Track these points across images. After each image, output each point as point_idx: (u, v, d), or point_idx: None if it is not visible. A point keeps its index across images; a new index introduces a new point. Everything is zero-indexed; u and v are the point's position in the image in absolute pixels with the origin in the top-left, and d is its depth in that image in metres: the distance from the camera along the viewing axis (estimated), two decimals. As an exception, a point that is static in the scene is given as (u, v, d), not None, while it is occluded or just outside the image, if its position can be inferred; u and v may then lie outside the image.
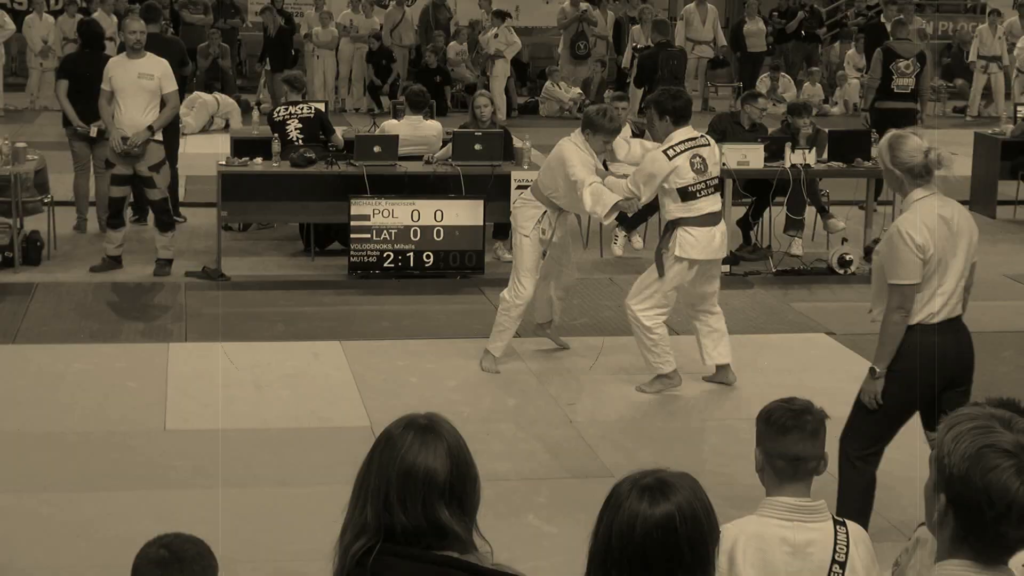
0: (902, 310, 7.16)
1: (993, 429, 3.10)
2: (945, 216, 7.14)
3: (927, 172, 7.11)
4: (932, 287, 7.15)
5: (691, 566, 3.42)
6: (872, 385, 7.32)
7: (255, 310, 12.51)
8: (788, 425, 4.88)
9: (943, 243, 7.10)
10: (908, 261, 7.05)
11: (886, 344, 7.25)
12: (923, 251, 7.04)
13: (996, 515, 3.06)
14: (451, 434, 3.63)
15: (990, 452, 3.06)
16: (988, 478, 3.05)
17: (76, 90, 14.36)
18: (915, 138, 7.21)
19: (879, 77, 17.37)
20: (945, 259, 7.14)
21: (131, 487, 8.49)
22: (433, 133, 15.04)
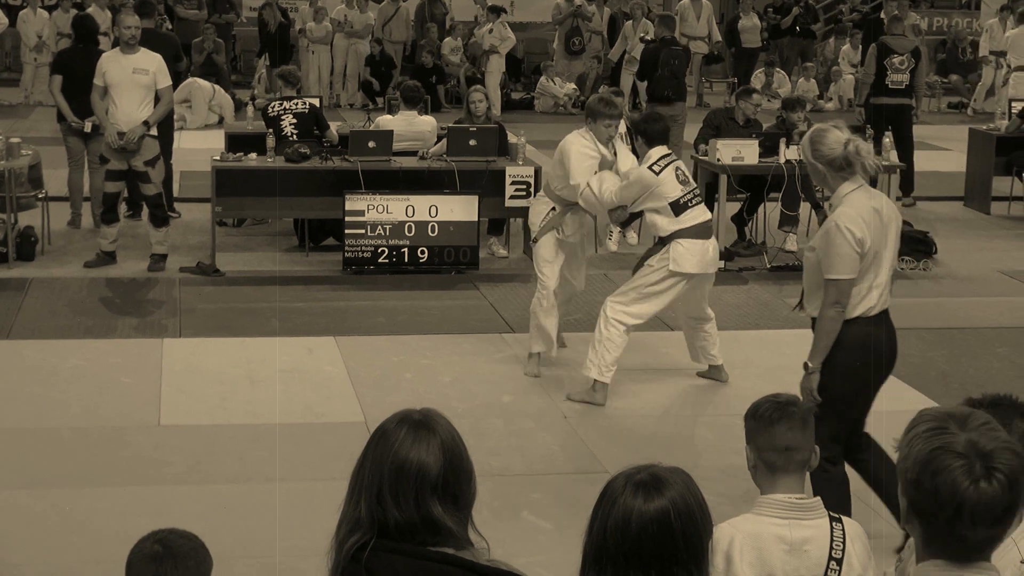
0: (839, 305, 7.09)
1: (946, 430, 3.10)
2: (876, 208, 7.13)
3: (848, 164, 7.06)
4: (870, 280, 7.13)
5: (686, 561, 3.43)
6: (807, 381, 7.24)
7: (249, 305, 12.50)
8: (775, 417, 4.90)
9: (877, 235, 7.09)
10: (846, 256, 7.00)
11: (822, 339, 7.18)
12: (862, 245, 7.00)
13: (948, 517, 3.07)
14: (445, 429, 3.63)
15: (940, 454, 3.07)
16: (936, 481, 3.05)
17: (70, 85, 14.34)
18: (836, 131, 7.16)
19: (873, 73, 17.38)
20: (879, 251, 7.14)
21: (125, 483, 8.49)
22: (428, 128, 15.03)
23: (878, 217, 7.09)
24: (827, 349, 7.18)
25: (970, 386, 10.22)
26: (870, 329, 7.21)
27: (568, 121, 24.92)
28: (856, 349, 7.20)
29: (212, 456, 8.95)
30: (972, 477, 3.03)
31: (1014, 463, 3.07)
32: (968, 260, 14.87)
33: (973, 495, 3.03)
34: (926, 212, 17.27)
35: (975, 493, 3.03)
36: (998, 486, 3.04)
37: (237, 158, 13.91)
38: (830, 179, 7.15)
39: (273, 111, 14.77)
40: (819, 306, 7.17)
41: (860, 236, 6.99)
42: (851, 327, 7.18)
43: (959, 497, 3.03)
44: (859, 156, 7.06)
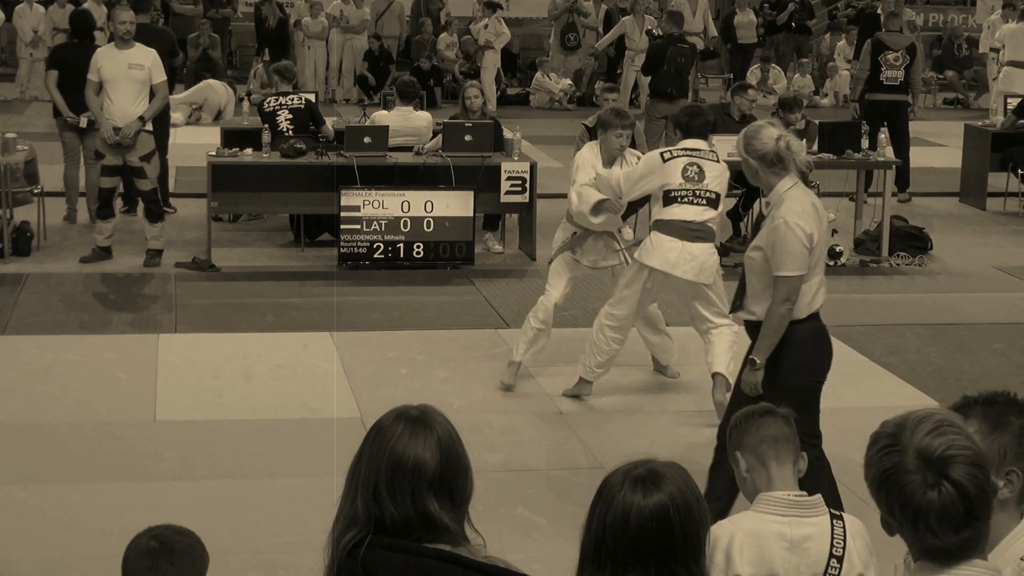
0: (789, 302, 7.08)
1: (895, 447, 3.16)
2: (817, 204, 7.18)
3: (779, 160, 7.05)
4: (818, 276, 7.16)
5: (684, 556, 3.43)
6: (752, 376, 7.21)
7: (245, 301, 12.50)
8: (755, 417, 4.95)
9: (821, 233, 7.14)
10: (797, 252, 6.99)
11: (769, 337, 7.16)
12: (811, 241, 7.01)
13: (911, 529, 3.11)
14: (442, 426, 3.63)
15: (892, 474, 3.13)
16: (891, 499, 3.12)
17: (66, 80, 14.32)
18: (770, 128, 7.19)
19: (868, 68, 17.37)
20: (822, 248, 7.20)
21: (121, 478, 8.49)
22: (423, 124, 15.02)
23: (817, 212, 7.13)
24: (773, 346, 7.16)
25: (966, 382, 10.24)
26: (819, 325, 7.29)
27: (563, 116, 24.96)
28: (808, 345, 7.23)
29: (207, 452, 8.95)
30: (922, 489, 3.08)
31: (968, 468, 3.09)
32: (964, 256, 14.88)
33: (926, 506, 3.08)
34: (922, 208, 17.28)
35: (927, 504, 3.08)
36: (948, 494, 3.07)
37: (233, 153, 13.90)
38: (762, 175, 7.14)
39: (269, 106, 14.76)
40: (763, 307, 7.13)
41: (810, 232, 6.99)
42: (802, 324, 7.19)
43: (913, 509, 3.09)
44: (790, 152, 7.03)
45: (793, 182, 7.09)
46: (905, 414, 3.22)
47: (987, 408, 3.74)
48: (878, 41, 17.48)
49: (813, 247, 7.02)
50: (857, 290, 13.41)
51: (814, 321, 7.25)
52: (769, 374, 7.17)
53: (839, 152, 14.54)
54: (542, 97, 26.77)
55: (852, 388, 10.46)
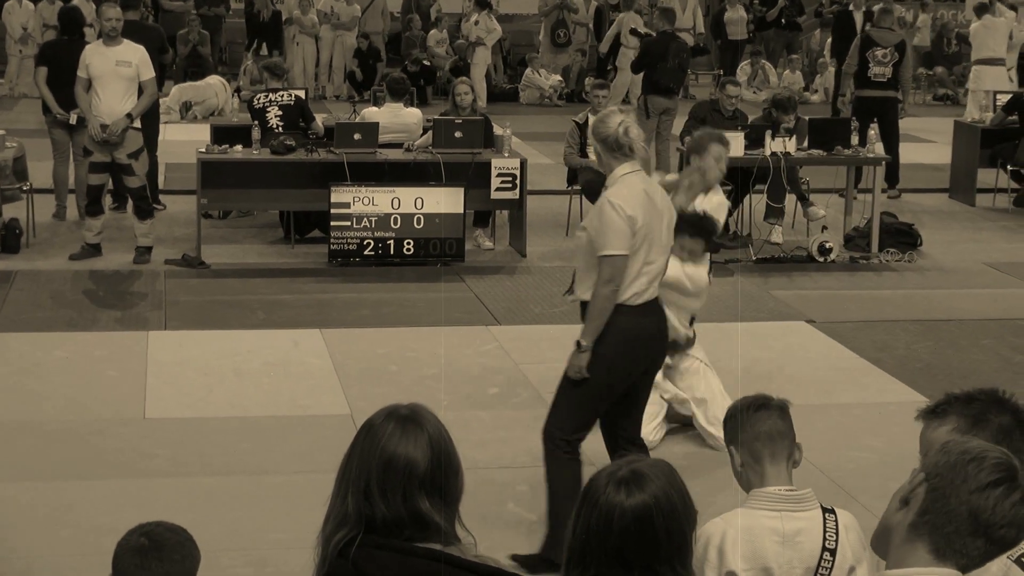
0: (612, 283, 7.03)
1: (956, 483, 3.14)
2: (649, 193, 7.12)
3: (619, 146, 7.04)
4: (639, 263, 7.07)
5: (669, 557, 3.42)
6: (578, 359, 7.16)
7: (235, 298, 12.49)
8: (751, 411, 4.93)
9: (651, 220, 7.06)
10: (619, 231, 6.96)
11: (595, 319, 7.12)
12: (633, 223, 6.96)
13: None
14: (433, 425, 3.63)
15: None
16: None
17: (55, 77, 14.30)
18: (618, 114, 7.18)
19: (856, 64, 17.38)
20: (652, 236, 7.09)
21: (111, 475, 8.48)
22: (413, 121, 15.02)
23: (650, 201, 7.09)
24: (599, 328, 7.11)
25: (955, 378, 10.25)
26: (635, 319, 7.15)
27: (553, 113, 24.98)
28: (617, 340, 7.13)
29: (197, 449, 8.94)
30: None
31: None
32: (953, 252, 14.90)
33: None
34: (911, 204, 17.30)
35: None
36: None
37: (223, 150, 13.89)
38: (604, 158, 7.16)
39: (259, 103, 14.75)
40: (590, 288, 7.10)
41: (631, 213, 6.96)
42: (616, 316, 7.10)
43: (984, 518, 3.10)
44: (627, 137, 7.02)
45: (633, 168, 7.09)
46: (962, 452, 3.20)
47: (966, 405, 3.75)
48: (867, 37, 17.50)
49: (636, 231, 6.98)
50: (847, 286, 13.43)
51: (630, 315, 7.13)
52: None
53: (829, 148, 14.55)
54: (532, 93, 26.77)
55: (842, 384, 10.49)
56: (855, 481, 8.33)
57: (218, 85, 23.05)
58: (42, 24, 24.44)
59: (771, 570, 4.74)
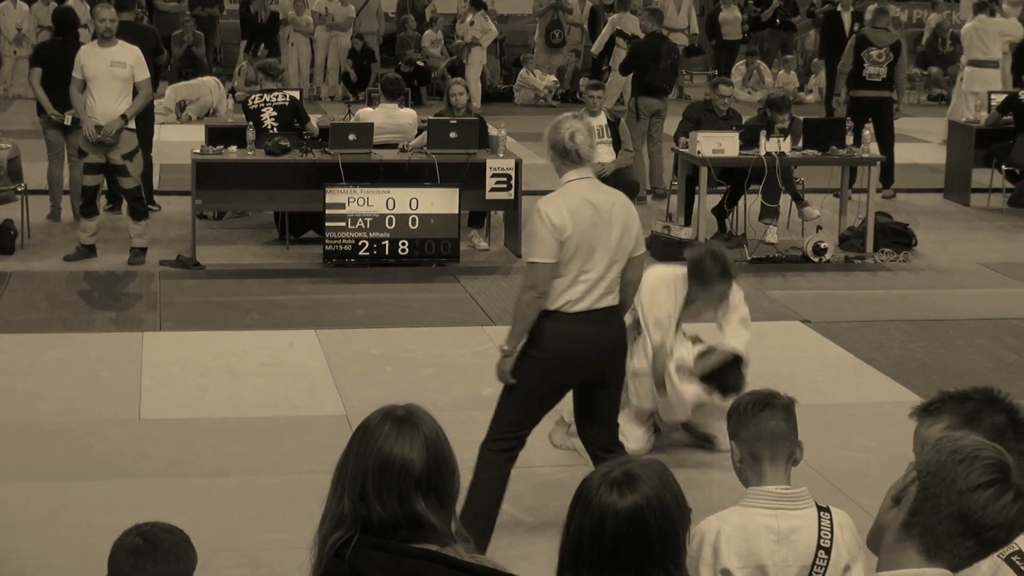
0: (534, 289, 7.01)
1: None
2: (593, 201, 7.02)
3: (566, 152, 7.01)
4: (574, 272, 7.01)
5: (662, 558, 3.42)
6: (501, 363, 7.18)
7: (230, 299, 12.48)
8: (756, 409, 4.92)
9: (587, 228, 6.96)
10: (543, 239, 6.93)
11: (515, 323, 7.14)
12: (559, 232, 6.91)
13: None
14: (429, 425, 3.63)
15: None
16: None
17: (50, 78, 14.30)
18: (571, 120, 7.13)
19: (851, 63, 17.39)
20: (590, 245, 6.99)
21: (106, 476, 8.47)
22: (408, 121, 15.02)
23: (593, 210, 6.99)
24: (522, 333, 7.12)
25: (950, 377, 10.25)
26: (568, 327, 7.08)
27: (548, 113, 24.92)
28: (547, 345, 7.10)
29: (192, 450, 8.94)
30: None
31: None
32: (948, 252, 14.90)
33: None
34: (906, 204, 17.31)
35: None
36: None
37: (217, 151, 13.88)
38: (555, 163, 7.15)
39: (253, 104, 14.74)
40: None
41: (557, 222, 6.91)
42: (547, 320, 7.08)
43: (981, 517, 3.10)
44: (573, 143, 6.99)
45: (579, 175, 7.07)
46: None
47: (960, 404, 3.75)
48: (862, 37, 17.51)
49: (564, 240, 6.92)
50: (842, 286, 13.43)
51: (562, 322, 7.08)
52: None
53: (823, 149, 14.55)
54: (527, 94, 26.77)
55: (837, 384, 10.49)
56: (850, 481, 8.33)
57: (212, 83, 23.06)
58: (36, 25, 24.42)
59: (766, 568, 4.74)
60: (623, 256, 7.13)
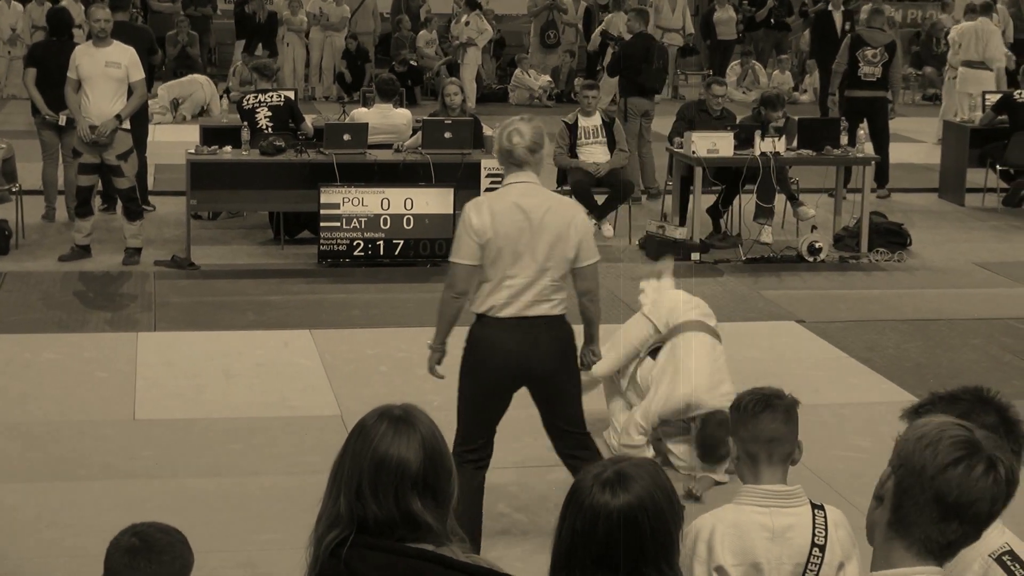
0: (451, 289, 7.03)
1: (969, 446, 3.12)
2: (524, 206, 6.89)
3: (506, 154, 6.97)
4: (497, 277, 6.94)
5: (655, 558, 3.42)
6: (429, 359, 7.28)
7: (225, 299, 12.48)
8: (758, 409, 4.91)
9: (515, 233, 6.88)
10: (463, 240, 6.94)
11: (438, 321, 7.19)
12: (479, 235, 6.87)
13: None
14: (426, 425, 3.62)
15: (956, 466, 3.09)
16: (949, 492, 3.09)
17: (44, 78, 14.29)
18: (518, 123, 7.06)
19: (846, 63, 17.40)
20: (515, 250, 6.89)
21: (100, 477, 8.47)
22: (403, 121, 15.01)
23: (522, 215, 6.88)
24: (444, 331, 7.18)
25: (944, 377, 10.25)
26: (494, 332, 7.03)
27: (543, 113, 24.93)
28: (473, 348, 7.11)
29: (187, 450, 8.93)
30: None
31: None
32: (943, 252, 14.91)
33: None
34: (901, 204, 17.32)
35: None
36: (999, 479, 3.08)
37: (212, 151, 13.87)
38: (502, 165, 7.12)
39: (248, 104, 14.73)
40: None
41: (477, 225, 6.88)
42: (477, 323, 7.09)
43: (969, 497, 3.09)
44: (510, 144, 6.94)
45: (518, 179, 6.98)
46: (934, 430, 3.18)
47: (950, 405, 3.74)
48: (857, 37, 17.51)
49: (485, 243, 6.87)
50: (836, 286, 13.43)
51: (487, 327, 7.05)
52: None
53: (818, 148, 14.55)
54: (521, 94, 26.77)
55: (831, 384, 10.49)
56: (845, 480, 8.34)
57: (202, 80, 23.04)
58: (31, 25, 24.42)
59: (760, 565, 4.75)
60: (556, 265, 6.96)
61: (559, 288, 7.04)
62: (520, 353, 7.03)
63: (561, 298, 7.07)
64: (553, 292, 7.01)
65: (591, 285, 7.16)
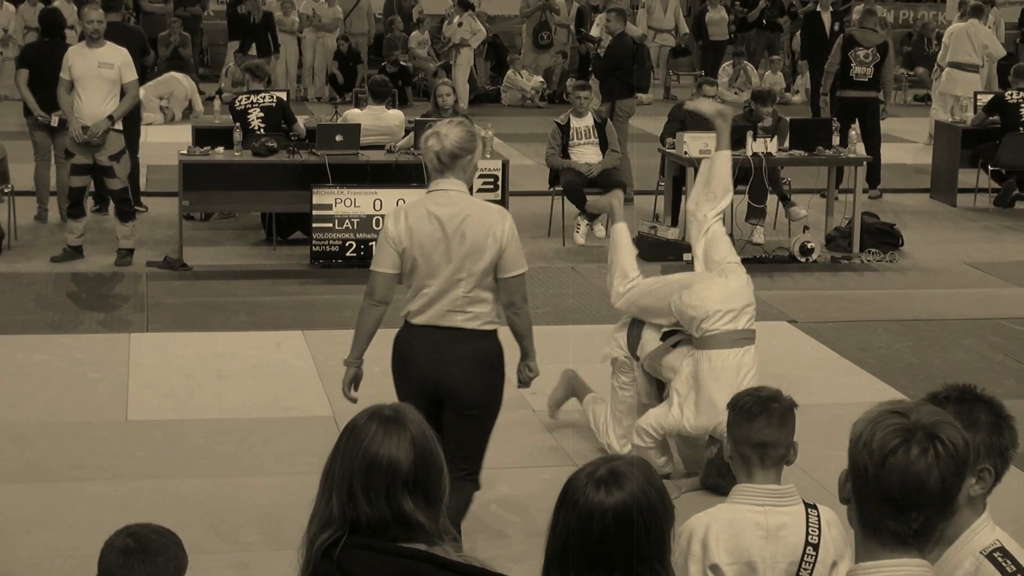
0: (370, 297, 6.96)
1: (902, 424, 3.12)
2: (439, 215, 6.71)
3: (429, 161, 6.76)
4: (415, 285, 6.85)
5: (649, 557, 3.43)
6: (345, 375, 7.20)
7: (217, 300, 12.48)
8: (754, 412, 4.92)
9: (428, 242, 6.72)
10: (381, 247, 6.86)
11: (355, 330, 7.14)
12: (395, 243, 6.76)
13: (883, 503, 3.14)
14: (416, 425, 3.63)
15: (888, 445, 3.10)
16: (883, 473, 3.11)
17: (37, 79, 14.28)
18: (443, 125, 6.81)
19: (837, 63, 17.42)
20: (429, 259, 6.76)
21: (93, 478, 8.46)
22: (395, 122, 15.02)
23: (436, 224, 6.71)
24: (360, 342, 7.10)
25: (936, 377, 10.26)
26: (407, 336, 6.98)
27: (535, 114, 24.98)
28: (395, 352, 7.04)
29: (180, 451, 8.93)
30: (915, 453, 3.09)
31: (957, 433, 3.10)
32: (934, 252, 14.93)
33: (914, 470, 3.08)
34: (893, 204, 17.33)
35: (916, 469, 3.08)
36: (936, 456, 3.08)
37: (204, 152, 13.87)
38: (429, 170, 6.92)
39: (240, 105, 14.73)
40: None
41: (394, 233, 6.77)
42: (401, 328, 7.02)
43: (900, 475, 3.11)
44: (426, 147, 6.75)
45: (439, 186, 6.77)
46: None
47: (959, 406, 3.75)
48: (850, 37, 17.54)
49: (401, 252, 6.77)
50: (828, 286, 13.45)
51: (404, 331, 7.01)
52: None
53: (810, 149, 14.57)
54: (514, 95, 26.77)
55: (824, 384, 10.50)
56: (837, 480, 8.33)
57: (180, 76, 23.02)
58: (23, 26, 24.38)
59: (755, 564, 4.76)
60: (470, 276, 6.75)
61: (478, 301, 6.81)
62: (431, 362, 6.88)
63: (481, 312, 6.83)
64: (469, 304, 6.80)
65: (515, 298, 6.87)
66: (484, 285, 6.80)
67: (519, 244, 6.87)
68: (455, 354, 6.84)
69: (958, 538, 3.57)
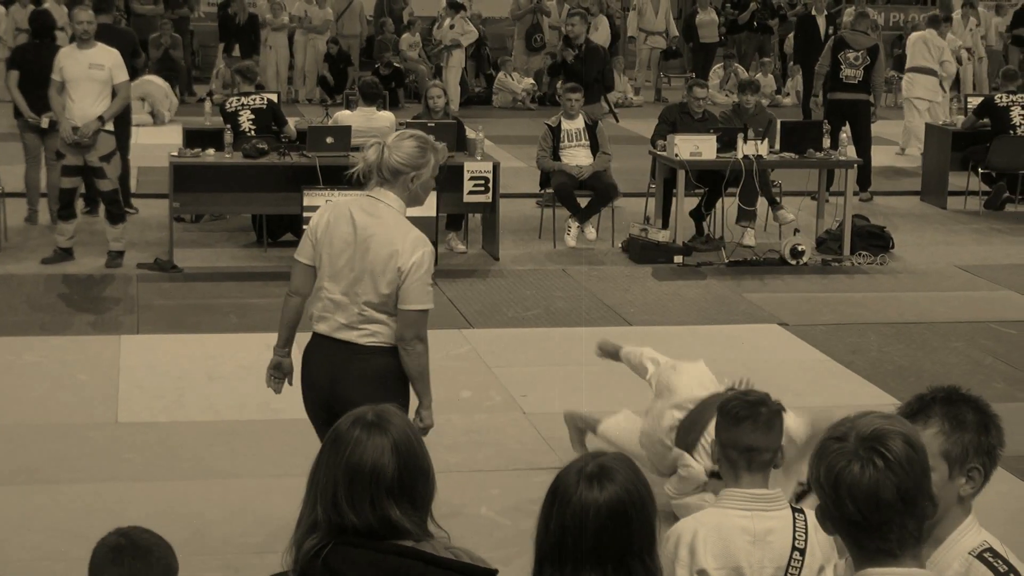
0: (289, 286, 6.91)
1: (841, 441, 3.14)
2: (356, 220, 6.53)
3: (376, 173, 6.57)
4: (320, 285, 6.67)
5: (639, 550, 3.45)
6: (268, 364, 7.16)
7: (207, 302, 12.47)
8: (741, 416, 4.92)
9: (338, 244, 6.56)
10: (305, 237, 6.78)
11: (280, 320, 7.06)
12: (312, 234, 6.67)
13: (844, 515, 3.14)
14: (399, 428, 3.61)
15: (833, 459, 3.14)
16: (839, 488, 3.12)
17: (27, 81, 14.27)
18: (399, 140, 6.62)
19: (828, 65, 17.44)
20: (335, 262, 6.59)
21: (83, 480, 8.46)
22: (386, 124, 14.99)
23: (350, 228, 6.53)
24: (282, 334, 7.07)
25: (927, 380, 10.26)
26: (310, 343, 6.84)
27: (526, 116, 24.99)
28: (301, 362, 6.91)
29: (170, 453, 8.92)
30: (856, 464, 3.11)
31: (903, 443, 3.11)
32: (925, 255, 14.95)
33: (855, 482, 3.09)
34: (883, 207, 17.35)
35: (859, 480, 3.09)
36: (880, 470, 3.08)
37: (195, 154, 13.87)
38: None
39: (231, 107, 14.73)
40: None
41: (313, 224, 6.70)
42: (310, 336, 6.86)
43: (848, 487, 3.11)
44: (367, 159, 6.59)
45: (373, 193, 6.57)
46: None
47: (947, 407, 3.76)
48: (840, 39, 17.56)
49: (315, 245, 6.65)
50: (819, 289, 13.46)
51: (311, 340, 6.83)
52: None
53: (801, 151, 14.58)
54: (505, 97, 26.78)
55: (814, 387, 10.51)
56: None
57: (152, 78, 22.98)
58: (14, 28, 24.35)
59: (742, 569, 4.77)
60: (367, 293, 6.52)
61: (375, 321, 6.58)
62: (324, 375, 6.74)
63: (378, 330, 6.58)
64: (364, 322, 6.57)
65: (405, 332, 6.57)
66: (384, 309, 6.56)
67: (426, 279, 6.61)
68: (351, 371, 6.63)
69: (946, 539, 3.58)
